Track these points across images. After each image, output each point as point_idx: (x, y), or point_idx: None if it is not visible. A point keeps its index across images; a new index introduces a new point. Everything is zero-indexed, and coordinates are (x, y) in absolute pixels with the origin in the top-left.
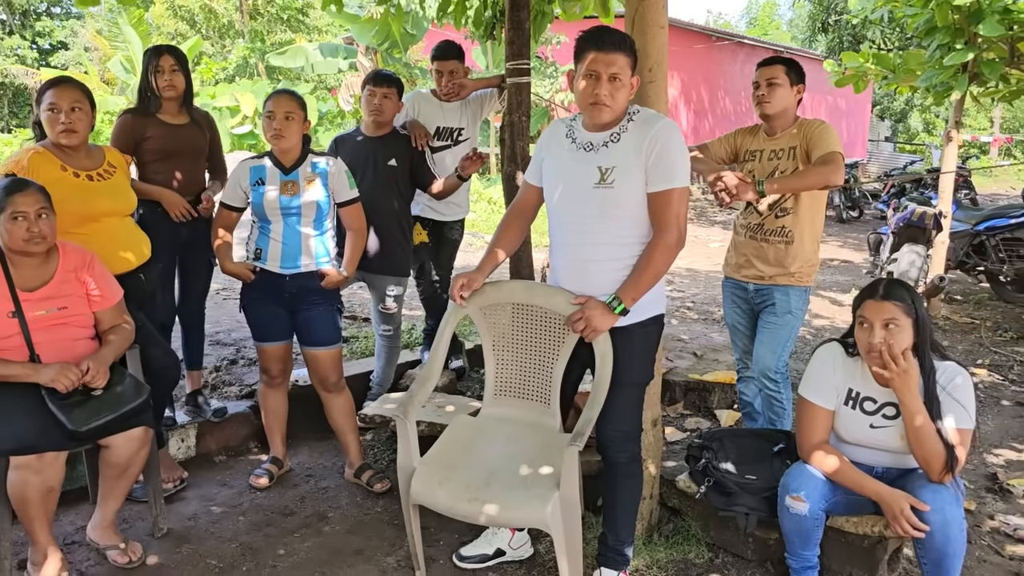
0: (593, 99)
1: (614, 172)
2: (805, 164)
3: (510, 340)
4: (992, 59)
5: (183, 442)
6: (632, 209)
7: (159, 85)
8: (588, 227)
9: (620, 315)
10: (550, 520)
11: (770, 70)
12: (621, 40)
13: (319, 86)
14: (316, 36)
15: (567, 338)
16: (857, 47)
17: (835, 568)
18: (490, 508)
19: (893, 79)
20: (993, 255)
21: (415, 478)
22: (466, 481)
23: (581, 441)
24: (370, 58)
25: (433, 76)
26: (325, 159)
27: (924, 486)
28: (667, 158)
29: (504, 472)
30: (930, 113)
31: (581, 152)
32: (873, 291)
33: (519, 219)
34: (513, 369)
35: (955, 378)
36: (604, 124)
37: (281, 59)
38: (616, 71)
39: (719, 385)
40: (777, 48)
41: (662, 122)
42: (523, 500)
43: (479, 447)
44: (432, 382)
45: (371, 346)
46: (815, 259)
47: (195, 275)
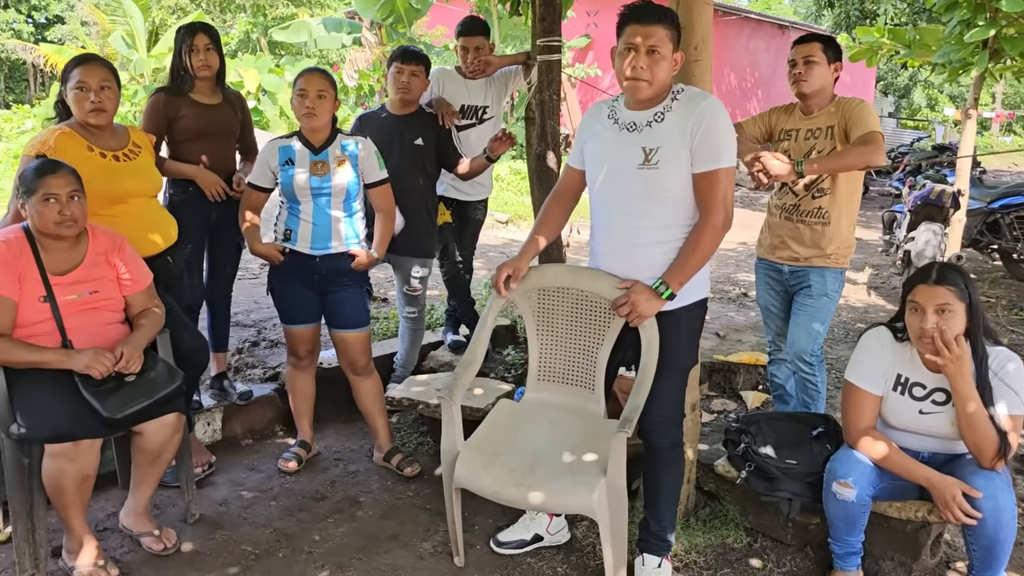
0: (631, 72)
1: (659, 152)
2: (843, 144)
3: (554, 325)
4: (1012, 35)
5: (209, 426)
6: (677, 191)
7: (194, 64)
8: (632, 209)
9: (667, 300)
10: (596, 507)
11: (807, 47)
12: (661, 12)
13: (322, 61)
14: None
15: (612, 323)
16: (864, 22)
17: (877, 553)
18: (536, 494)
19: (908, 54)
20: (1007, 233)
21: (459, 462)
22: (511, 466)
23: (630, 428)
24: (374, 33)
25: (458, 52)
26: (354, 140)
27: (975, 472)
28: (713, 137)
29: (548, 457)
30: (933, 89)
31: (624, 133)
32: (926, 275)
33: (561, 204)
34: (557, 354)
35: (1007, 364)
36: (646, 102)
37: (284, 34)
38: (654, 43)
39: (744, 366)
40: (783, 23)
41: (708, 100)
42: (569, 486)
43: (523, 432)
44: (476, 366)
45: (393, 327)
46: (851, 240)
47: (224, 257)
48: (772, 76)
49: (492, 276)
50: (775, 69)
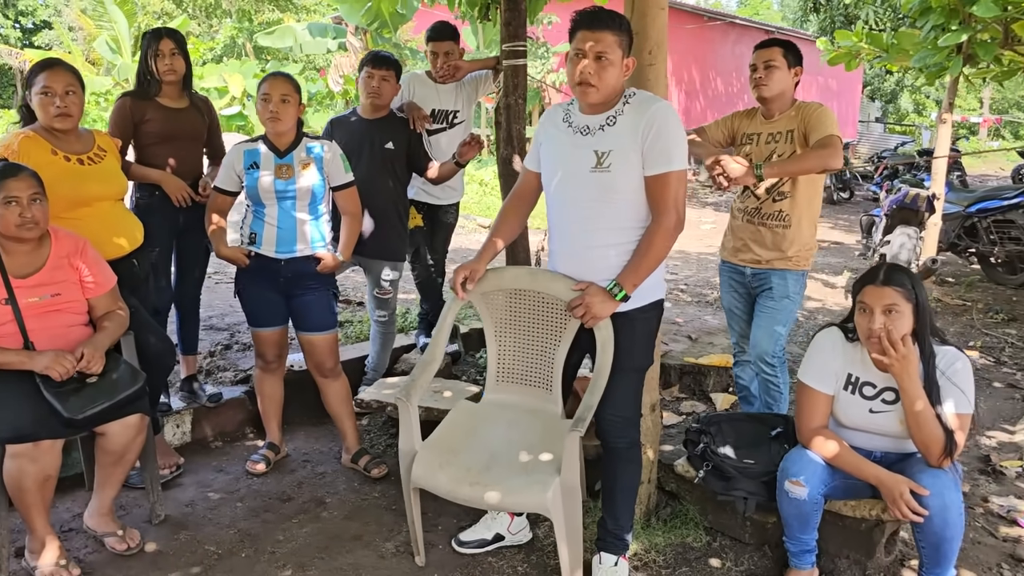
0: (579, 78)
1: (611, 156)
2: (803, 147)
3: (512, 326)
4: (986, 40)
5: (178, 428)
6: (630, 193)
7: (159, 69)
8: (586, 212)
9: (621, 301)
10: (551, 505)
11: (767, 52)
12: (610, 19)
13: (308, 66)
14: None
15: (569, 324)
16: (849, 27)
17: (832, 551)
18: (491, 493)
19: (886, 58)
20: (985, 237)
21: (416, 462)
22: (467, 465)
23: (582, 427)
24: (360, 38)
25: (428, 57)
26: (320, 143)
27: (923, 471)
28: (664, 140)
29: (505, 457)
30: (920, 94)
31: (578, 136)
32: (873, 276)
33: (519, 206)
34: (515, 355)
35: (955, 363)
36: (598, 106)
37: (269, 39)
38: (602, 49)
39: (714, 368)
40: (768, 28)
41: (658, 104)
42: (524, 485)
43: (481, 432)
44: (434, 367)
45: (365, 331)
46: (812, 243)
47: (192, 260)
48: None
49: (450, 279)
50: None
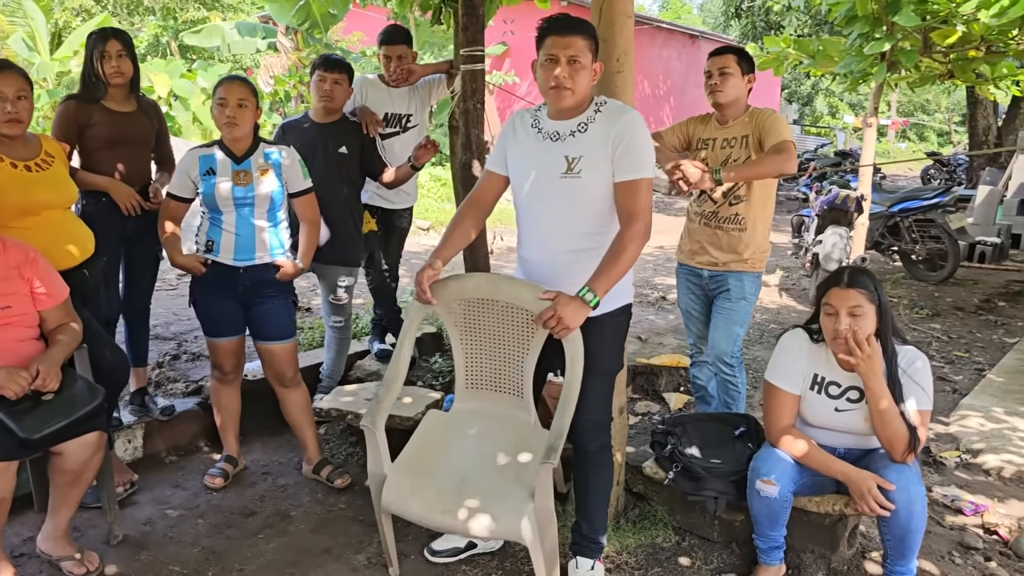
0: (554, 82)
1: (581, 162)
2: (757, 152)
3: (478, 334)
4: (907, 48)
5: (130, 443)
6: (599, 199)
7: (105, 71)
8: (556, 217)
9: (593, 307)
10: (525, 533)
11: (722, 59)
12: (578, 24)
13: (235, 66)
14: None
15: (537, 332)
16: (769, 32)
17: (798, 546)
18: (464, 521)
19: (812, 64)
20: (906, 236)
21: (386, 487)
22: (438, 489)
23: (554, 457)
24: (290, 38)
25: (381, 61)
26: (277, 149)
27: (887, 466)
28: (634, 149)
29: (477, 477)
30: (834, 97)
31: (548, 142)
32: (838, 279)
33: (476, 210)
34: (483, 362)
35: (915, 362)
36: (569, 111)
37: (196, 38)
38: (574, 53)
39: (666, 368)
40: (693, 32)
41: (629, 114)
42: (498, 514)
43: (452, 447)
44: (398, 384)
45: (318, 337)
46: (766, 245)
47: (142, 269)
48: (684, 84)
49: (413, 290)
50: (687, 77)
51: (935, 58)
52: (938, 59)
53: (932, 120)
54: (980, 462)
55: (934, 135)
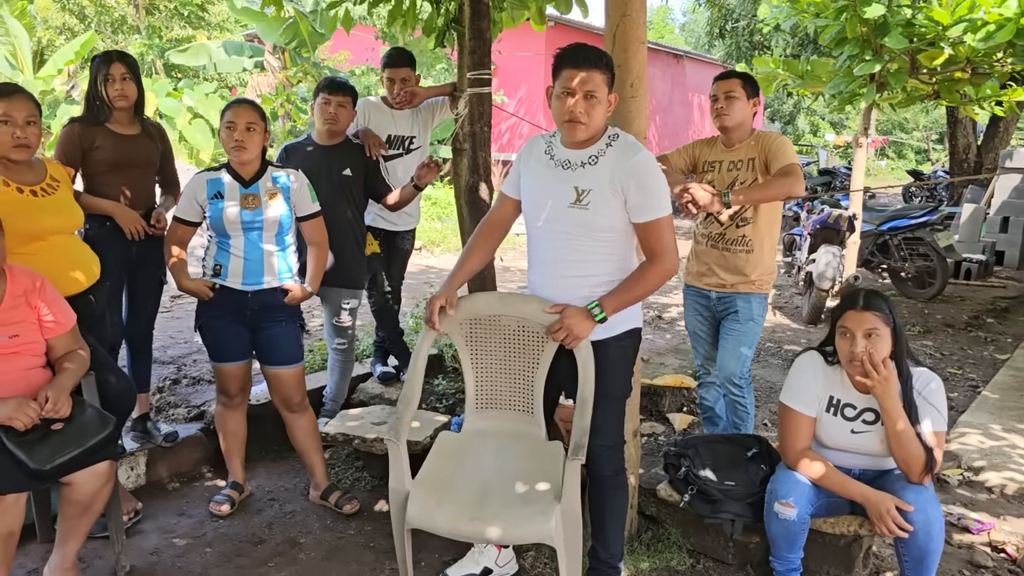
0: (569, 116)
1: (590, 194)
2: (763, 175)
3: (488, 352)
4: (896, 69)
5: (132, 470)
6: (607, 230)
7: (109, 94)
8: (564, 244)
9: (599, 322)
10: (555, 534)
11: (727, 83)
12: (597, 57)
13: (221, 85)
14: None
15: (546, 347)
16: (753, 53)
17: (813, 568)
18: (493, 528)
19: (801, 84)
20: (896, 254)
21: (411, 502)
22: (463, 500)
23: (582, 454)
24: (278, 57)
25: (384, 84)
26: (286, 172)
27: (905, 487)
28: (648, 191)
29: (499, 487)
30: (816, 116)
31: (559, 170)
32: (853, 302)
33: (491, 232)
34: (493, 381)
35: (930, 383)
36: (582, 142)
37: (183, 57)
38: (592, 88)
39: (669, 389)
40: (678, 52)
41: (639, 156)
42: (526, 517)
43: (469, 463)
44: (415, 401)
45: (320, 360)
46: (773, 267)
47: (145, 294)
48: (669, 103)
49: (423, 311)
50: (671, 96)
51: (921, 79)
52: (924, 80)
53: (910, 138)
54: (982, 480)
55: (912, 153)
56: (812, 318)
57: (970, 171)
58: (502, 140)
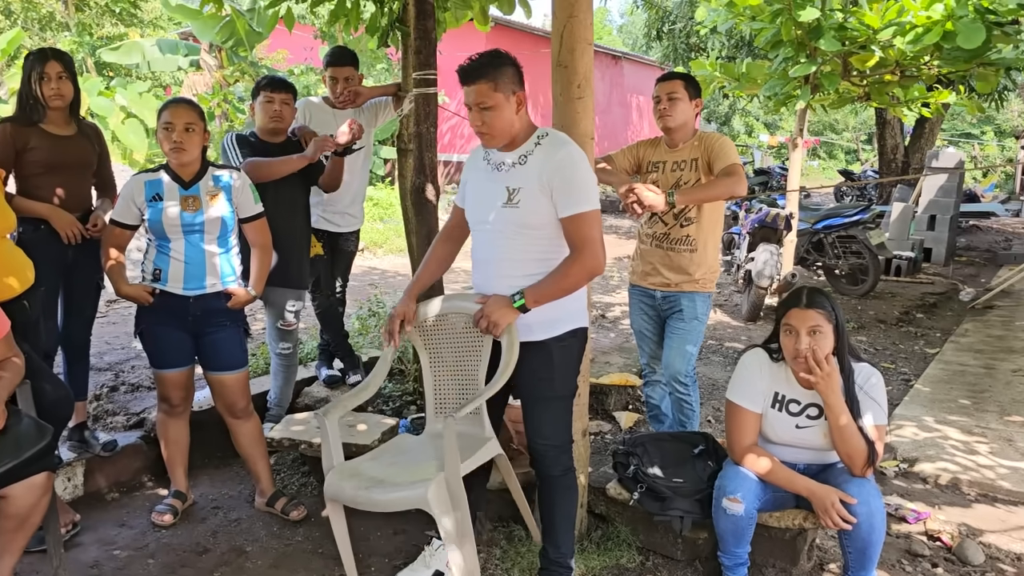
0: (474, 130)
1: (520, 193)
2: (706, 175)
3: (442, 354)
4: (829, 72)
5: (69, 481)
6: (540, 228)
7: (45, 94)
8: (501, 244)
9: (520, 311)
10: (431, 500)
11: (670, 85)
12: (475, 71)
13: (155, 84)
14: (149, 31)
15: (485, 339)
16: (691, 55)
17: (759, 561)
18: (381, 493)
19: (737, 86)
20: (830, 251)
21: (330, 474)
22: (371, 475)
23: (459, 414)
24: (214, 55)
25: (327, 83)
26: (228, 172)
27: (848, 480)
28: (572, 184)
29: (412, 467)
30: (750, 117)
31: (493, 172)
32: (797, 300)
33: (448, 241)
34: (449, 383)
35: (870, 378)
36: (508, 145)
37: (114, 55)
38: (480, 100)
39: (615, 387)
40: (616, 54)
41: (565, 150)
42: (409, 484)
43: (405, 454)
44: (368, 392)
45: (263, 365)
46: (716, 266)
47: (82, 299)
48: (608, 104)
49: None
50: (610, 98)
51: (853, 81)
52: (856, 82)
53: (840, 138)
54: (917, 471)
55: (842, 153)
56: (751, 315)
57: (898, 171)
58: (443, 140)
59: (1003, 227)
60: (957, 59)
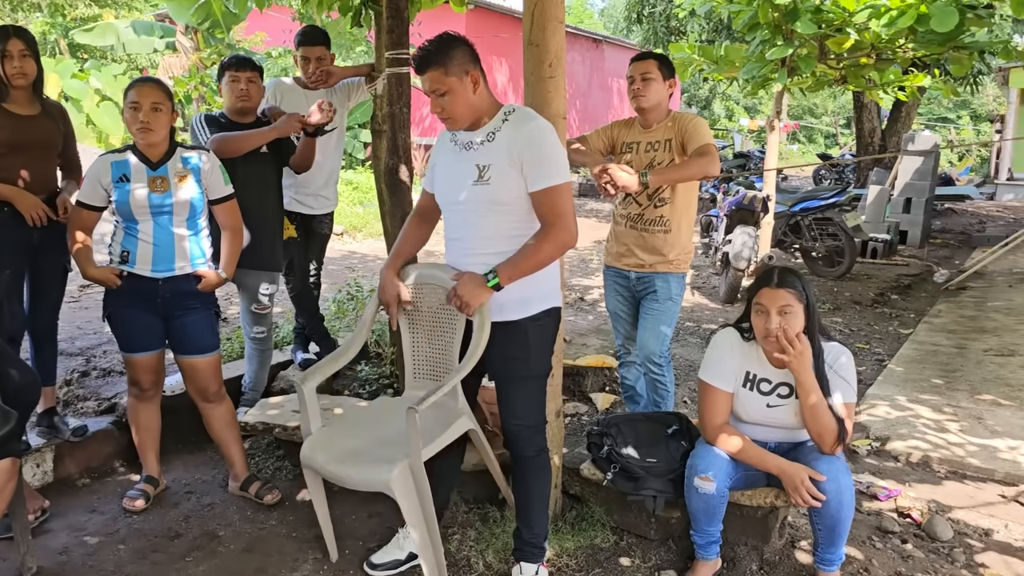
0: (437, 116)
1: (490, 170)
2: (680, 155)
3: (422, 322)
4: (805, 54)
5: (39, 467)
6: (512, 204)
7: (7, 72)
8: (473, 222)
9: (494, 289)
10: (394, 485)
11: (643, 64)
12: (428, 56)
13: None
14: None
15: (458, 318)
16: (670, 37)
17: (731, 540)
18: (348, 469)
19: (715, 69)
20: (807, 234)
21: (306, 441)
22: (344, 447)
23: (422, 406)
24: (190, 37)
25: (298, 63)
26: (196, 153)
27: (818, 458)
28: (541, 158)
29: (387, 445)
30: (730, 101)
31: (461, 151)
32: (768, 279)
33: (421, 221)
34: (426, 351)
35: (840, 357)
36: (474, 124)
37: (88, 36)
38: (435, 87)
39: (591, 369)
40: (597, 37)
41: (533, 124)
42: (374, 465)
43: (381, 422)
44: (346, 357)
45: (238, 349)
46: (690, 247)
47: (49, 283)
48: (588, 87)
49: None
50: (591, 80)
51: (829, 64)
52: (832, 65)
53: (820, 123)
54: (889, 449)
55: (821, 137)
56: (729, 297)
57: (875, 154)
58: (424, 124)
59: (977, 210)
60: (931, 42)
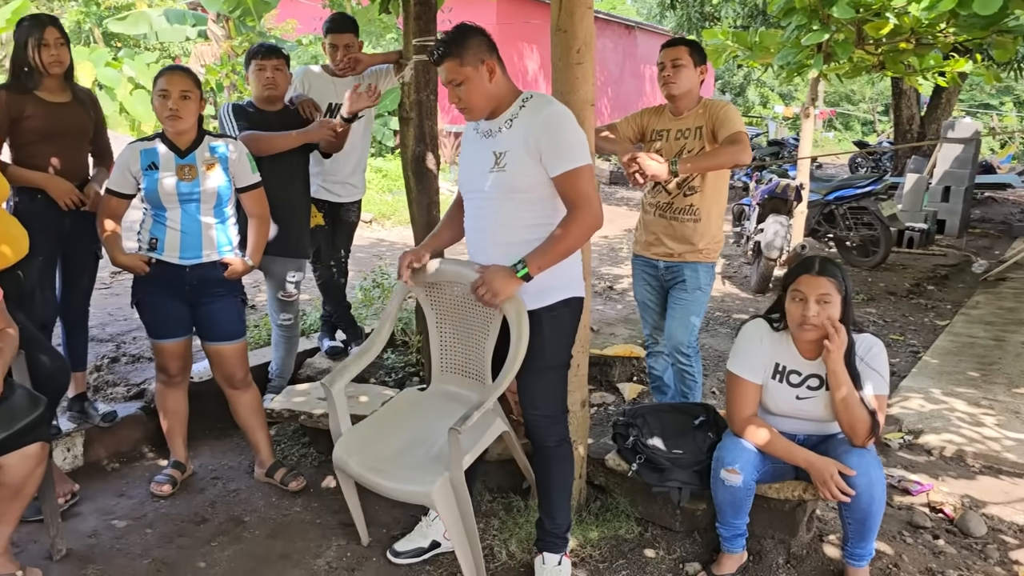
0: (455, 107)
1: (507, 156)
2: (711, 143)
3: (450, 317)
4: (842, 40)
5: (69, 451)
6: (529, 191)
7: (44, 60)
8: (492, 210)
9: (523, 280)
10: (436, 499)
11: (675, 51)
12: (445, 48)
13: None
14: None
15: (495, 315)
16: (704, 23)
17: (758, 533)
18: (386, 481)
19: (750, 56)
20: (841, 223)
21: (338, 443)
22: (379, 452)
23: (463, 425)
24: (222, 25)
25: (327, 50)
26: (224, 142)
27: (848, 451)
28: (559, 142)
29: (419, 448)
30: (765, 87)
31: (482, 139)
32: (808, 267)
33: (459, 211)
34: (454, 346)
35: (872, 348)
36: (493, 112)
37: (122, 25)
38: (452, 77)
39: (619, 359)
40: (629, 23)
41: (549, 109)
42: (414, 477)
43: (411, 420)
44: (371, 355)
45: (265, 336)
46: (720, 236)
47: (80, 269)
48: (620, 74)
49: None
50: (623, 67)
51: (867, 49)
52: (870, 50)
53: (857, 109)
54: (922, 442)
55: (858, 124)
56: (760, 287)
57: (913, 142)
58: (452, 112)
59: (1019, 199)
60: (973, 26)
